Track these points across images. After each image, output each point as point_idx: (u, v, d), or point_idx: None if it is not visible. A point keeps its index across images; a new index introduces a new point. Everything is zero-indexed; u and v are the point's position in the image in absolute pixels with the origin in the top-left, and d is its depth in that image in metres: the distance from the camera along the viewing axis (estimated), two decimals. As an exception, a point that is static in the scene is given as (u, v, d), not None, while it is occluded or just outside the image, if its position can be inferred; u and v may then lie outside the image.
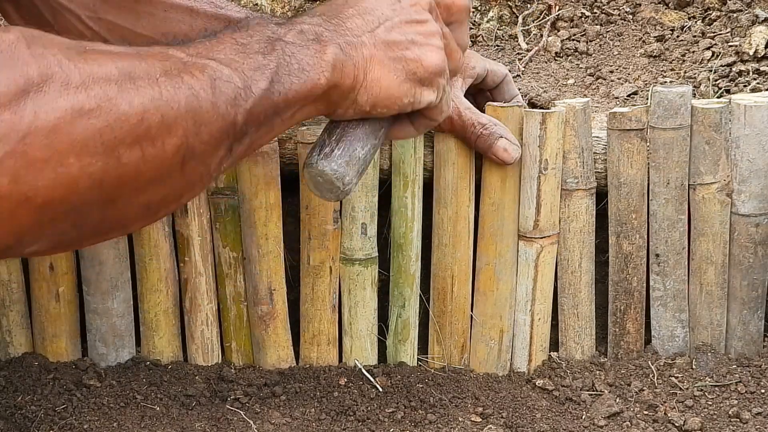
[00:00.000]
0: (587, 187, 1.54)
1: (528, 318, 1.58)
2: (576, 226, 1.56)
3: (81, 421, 1.46)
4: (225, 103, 0.81)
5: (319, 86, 0.92)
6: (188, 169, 0.79)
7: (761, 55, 2.02)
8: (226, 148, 0.83)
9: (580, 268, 1.57)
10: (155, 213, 0.81)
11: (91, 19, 1.36)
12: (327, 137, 1.01)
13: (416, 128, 1.12)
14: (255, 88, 0.85)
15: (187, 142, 0.77)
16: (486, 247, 1.57)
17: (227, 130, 0.82)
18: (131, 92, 0.72)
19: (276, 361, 1.59)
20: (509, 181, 1.53)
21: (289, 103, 0.90)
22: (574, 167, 1.53)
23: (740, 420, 1.49)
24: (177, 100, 0.75)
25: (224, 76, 0.82)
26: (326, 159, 1.00)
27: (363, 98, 0.98)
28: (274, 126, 0.90)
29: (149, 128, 0.73)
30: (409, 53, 1.01)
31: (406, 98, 1.02)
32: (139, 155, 0.72)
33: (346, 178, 1.00)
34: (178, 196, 0.82)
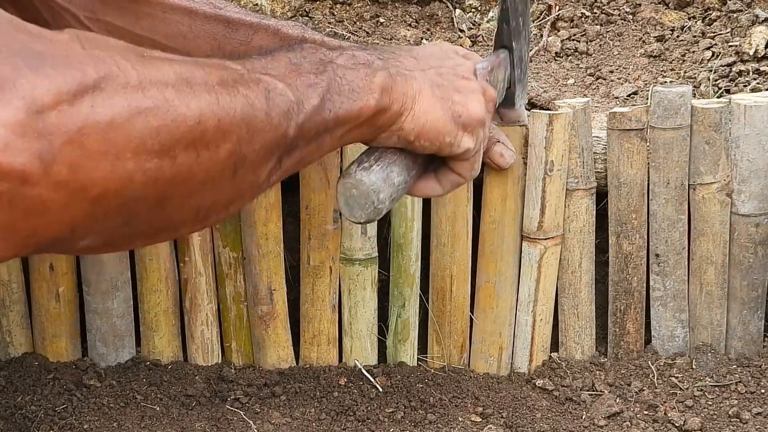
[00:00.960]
0: (587, 187, 1.54)
1: (530, 318, 1.58)
2: (576, 226, 1.56)
3: (81, 421, 1.47)
4: (278, 114, 0.83)
5: (369, 108, 0.95)
6: (239, 176, 0.80)
7: (761, 55, 2.02)
8: (277, 160, 0.85)
9: (580, 268, 1.57)
10: (204, 218, 0.82)
11: (89, 20, 1.36)
12: (366, 156, 1.04)
13: (442, 185, 1.15)
14: (307, 104, 0.87)
15: (240, 149, 0.78)
16: (486, 265, 1.57)
17: (279, 142, 0.84)
18: (189, 96, 0.73)
19: (276, 361, 1.59)
20: (509, 200, 1.53)
21: (339, 122, 0.92)
22: (574, 167, 1.53)
23: (740, 420, 1.49)
24: (233, 107, 0.77)
25: (278, 89, 0.84)
26: (365, 171, 1.02)
27: (409, 126, 1.01)
28: (323, 144, 0.93)
29: (205, 131, 0.74)
30: (456, 97, 1.05)
31: (449, 137, 1.05)
32: (193, 157, 0.74)
33: (381, 194, 1.02)
34: (227, 203, 0.83)
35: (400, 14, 2.37)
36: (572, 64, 2.18)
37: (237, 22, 1.39)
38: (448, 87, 1.05)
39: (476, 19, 2.35)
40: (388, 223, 1.58)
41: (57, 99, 0.65)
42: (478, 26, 2.33)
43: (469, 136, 1.07)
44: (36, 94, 0.64)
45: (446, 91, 1.05)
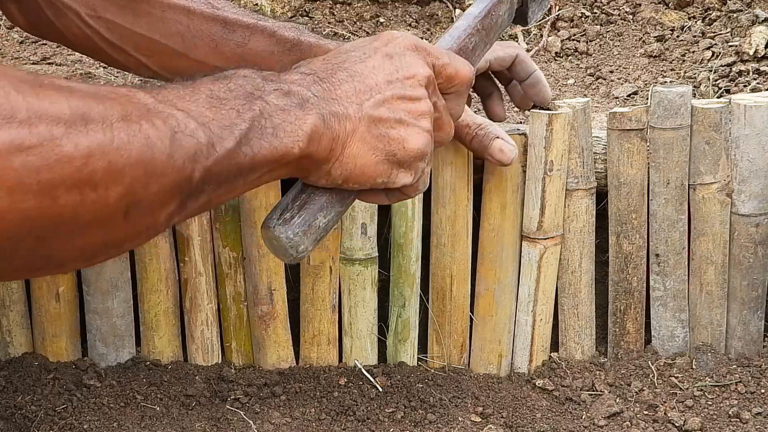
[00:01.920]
0: (587, 187, 1.54)
1: (530, 318, 1.58)
2: (576, 226, 1.56)
3: (81, 421, 1.47)
4: (183, 157, 0.77)
5: (292, 154, 0.88)
6: (132, 218, 0.75)
7: (761, 55, 2.02)
8: (178, 203, 0.79)
9: (580, 268, 1.57)
10: (92, 257, 0.77)
11: (91, 17, 1.37)
12: (291, 201, 0.97)
13: (389, 198, 1.07)
14: (219, 146, 0.81)
15: (133, 191, 0.73)
16: (485, 273, 1.57)
17: (181, 185, 0.78)
18: (80, 134, 0.69)
19: (276, 361, 1.59)
20: (509, 208, 1.53)
21: (256, 166, 0.86)
22: (574, 167, 1.53)
23: (740, 420, 1.49)
24: (129, 149, 0.72)
25: (188, 129, 0.78)
26: (284, 225, 0.96)
27: (336, 172, 0.94)
28: (236, 186, 0.86)
29: (93, 173, 0.70)
30: (393, 132, 0.96)
31: (380, 178, 0.97)
32: (77, 199, 0.69)
33: (300, 247, 0.96)
34: (118, 243, 0.78)
35: (400, 14, 2.37)
36: (572, 64, 2.19)
37: (234, 23, 1.38)
38: (387, 119, 0.96)
39: (476, 19, 2.35)
40: (388, 223, 1.58)
41: None
42: (478, 26, 2.33)
43: (405, 172, 0.98)
44: None
45: (384, 126, 0.96)
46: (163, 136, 0.75)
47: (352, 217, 1.53)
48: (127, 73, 2.09)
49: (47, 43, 2.25)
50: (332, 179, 0.95)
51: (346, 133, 0.93)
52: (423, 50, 0.99)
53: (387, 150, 0.96)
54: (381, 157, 0.96)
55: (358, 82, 0.95)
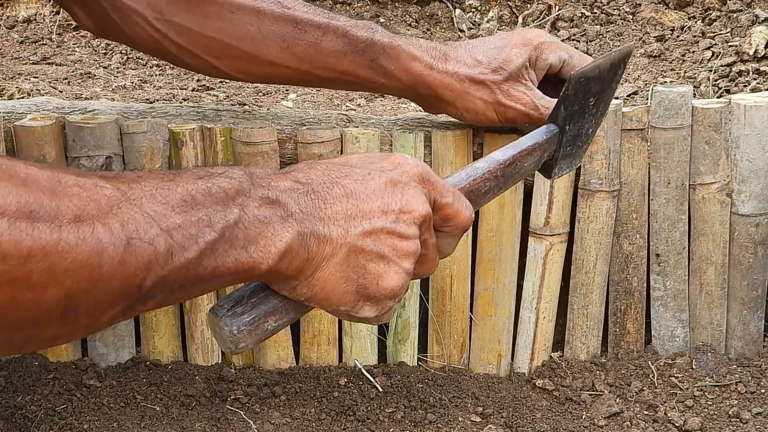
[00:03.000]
0: (610, 189, 1.54)
1: (533, 316, 1.58)
2: (595, 227, 1.55)
3: (81, 421, 1.46)
4: (135, 265, 0.74)
5: (258, 269, 0.84)
6: (69, 319, 0.72)
7: (761, 55, 2.02)
8: (125, 307, 0.76)
9: (594, 269, 1.57)
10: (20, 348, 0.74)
11: (158, 20, 1.34)
12: (247, 297, 0.93)
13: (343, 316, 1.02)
14: (179, 256, 0.77)
15: (73, 295, 0.71)
16: (484, 273, 1.57)
17: (129, 292, 0.75)
18: (23, 231, 0.67)
19: (276, 361, 1.59)
20: (507, 208, 1.53)
21: (217, 276, 0.82)
22: (599, 168, 1.52)
23: (740, 420, 1.49)
24: (75, 252, 0.69)
25: (146, 236, 0.75)
26: (233, 318, 0.92)
27: (302, 290, 0.90)
28: (192, 292, 0.83)
29: (30, 273, 0.67)
30: (372, 266, 0.91)
31: (344, 307, 0.93)
32: (9, 296, 0.67)
33: (240, 344, 0.92)
34: (51, 339, 0.75)
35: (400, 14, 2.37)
36: (572, 64, 2.18)
37: (306, 23, 1.35)
38: (369, 252, 0.91)
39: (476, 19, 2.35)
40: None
41: None
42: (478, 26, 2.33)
43: (371, 307, 0.93)
44: None
45: (364, 257, 0.91)
46: (117, 241, 0.72)
47: (352, 217, 1.53)
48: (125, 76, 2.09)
49: (47, 43, 2.25)
50: (295, 295, 0.91)
51: (323, 256, 0.89)
52: (429, 183, 0.95)
53: (359, 282, 0.91)
54: (351, 288, 0.91)
55: (352, 205, 0.91)
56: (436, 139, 1.51)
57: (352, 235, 0.90)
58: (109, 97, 1.91)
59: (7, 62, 2.13)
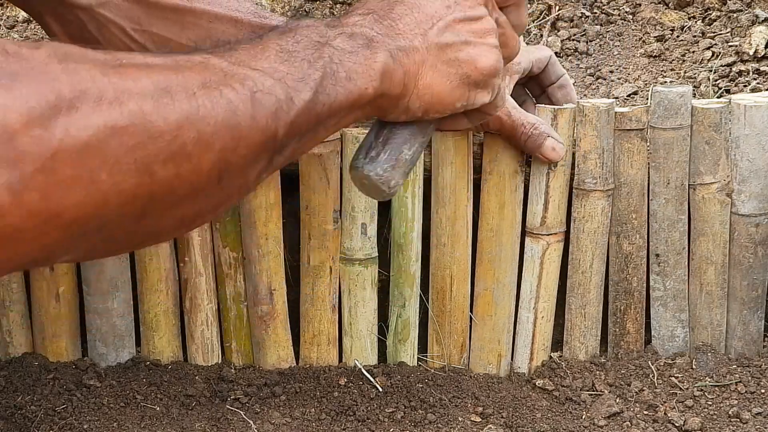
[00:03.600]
0: (605, 188, 1.53)
1: (531, 315, 1.58)
2: (590, 226, 1.55)
3: (81, 421, 1.46)
4: (265, 116, 0.79)
5: (367, 95, 0.90)
6: (225, 183, 0.77)
7: (761, 55, 2.02)
8: (266, 160, 0.82)
9: (591, 268, 1.57)
10: (190, 224, 0.80)
11: (136, 31, 1.35)
12: (374, 139, 0.99)
13: (470, 120, 1.10)
14: (297, 99, 0.82)
15: (224, 158, 0.75)
16: (484, 273, 1.57)
17: (267, 144, 0.80)
18: (167, 107, 0.70)
19: (276, 361, 1.59)
20: (507, 208, 1.53)
21: (334, 112, 0.88)
22: (593, 168, 1.52)
23: (740, 420, 1.49)
24: (214, 116, 0.74)
25: (266, 87, 0.80)
26: (372, 163, 0.98)
27: (415, 105, 0.96)
28: (317, 134, 0.88)
29: (184, 145, 0.71)
30: (463, 55, 0.97)
31: (459, 102, 0.99)
32: (173, 172, 0.71)
33: (391, 182, 0.98)
34: (214, 208, 0.80)
35: (400, 14, 2.37)
36: (572, 64, 2.18)
37: None
38: (454, 44, 0.97)
39: (476, 19, 2.35)
40: (388, 223, 1.58)
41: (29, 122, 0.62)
42: (478, 26, 2.33)
43: (482, 91, 1.00)
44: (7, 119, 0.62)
45: (452, 50, 0.97)
46: (244, 98, 0.77)
47: (352, 217, 1.53)
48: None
49: (47, 43, 2.24)
50: (412, 113, 0.96)
51: (416, 65, 0.95)
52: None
53: (460, 73, 0.97)
54: (456, 82, 0.97)
55: (418, 13, 0.96)
56: (436, 139, 1.51)
57: (431, 36, 0.96)
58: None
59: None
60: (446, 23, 0.97)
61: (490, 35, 0.99)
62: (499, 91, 1.04)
